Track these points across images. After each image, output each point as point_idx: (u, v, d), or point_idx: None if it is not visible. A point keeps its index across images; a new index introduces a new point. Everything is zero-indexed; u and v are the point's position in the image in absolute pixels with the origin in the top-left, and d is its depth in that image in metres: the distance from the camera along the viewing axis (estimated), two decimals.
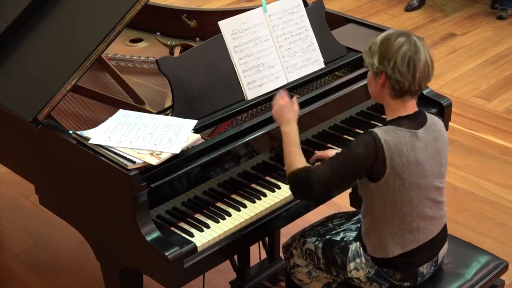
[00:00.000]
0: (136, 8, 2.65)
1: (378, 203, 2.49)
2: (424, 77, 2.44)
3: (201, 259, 2.48)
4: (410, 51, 2.41)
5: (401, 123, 2.47)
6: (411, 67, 2.41)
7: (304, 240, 2.77)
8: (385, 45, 2.44)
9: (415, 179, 2.46)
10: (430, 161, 2.49)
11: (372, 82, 2.51)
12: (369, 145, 2.42)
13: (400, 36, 2.44)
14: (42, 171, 2.85)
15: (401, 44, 2.42)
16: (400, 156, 2.42)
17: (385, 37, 2.46)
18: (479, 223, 3.94)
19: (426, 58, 2.43)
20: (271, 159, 2.81)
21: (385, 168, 2.42)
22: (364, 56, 2.51)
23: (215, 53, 2.80)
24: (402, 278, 2.59)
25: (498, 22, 6.19)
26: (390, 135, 2.43)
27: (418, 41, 2.44)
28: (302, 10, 2.99)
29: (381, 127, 2.49)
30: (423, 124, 2.50)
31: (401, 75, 2.41)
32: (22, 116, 2.70)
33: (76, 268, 3.66)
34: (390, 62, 2.42)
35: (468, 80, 5.32)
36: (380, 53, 2.44)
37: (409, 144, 2.44)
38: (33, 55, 2.90)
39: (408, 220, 2.50)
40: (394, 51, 2.42)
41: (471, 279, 2.71)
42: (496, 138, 4.64)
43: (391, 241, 2.52)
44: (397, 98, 2.47)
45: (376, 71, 2.46)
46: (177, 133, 2.55)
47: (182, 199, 2.60)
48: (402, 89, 2.44)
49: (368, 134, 2.45)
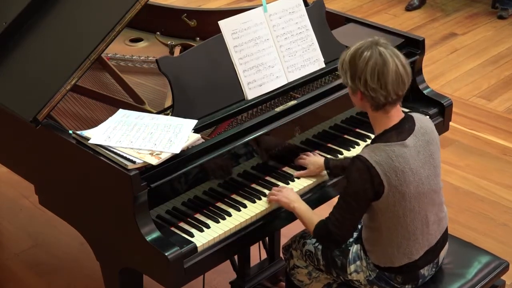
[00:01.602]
0: (136, 8, 2.64)
1: (381, 217, 2.49)
2: (399, 85, 2.42)
3: (201, 259, 2.48)
4: (378, 65, 2.39)
5: (389, 138, 2.46)
6: (382, 81, 2.39)
7: (304, 241, 2.76)
8: (353, 63, 2.43)
9: (413, 189, 2.46)
10: (425, 167, 2.49)
11: (352, 97, 2.51)
12: (361, 171, 2.42)
13: (366, 50, 2.41)
14: (42, 171, 2.84)
15: (367, 59, 2.40)
16: (395, 172, 2.41)
17: (352, 54, 2.44)
18: (479, 223, 3.93)
19: (396, 67, 2.40)
20: (271, 159, 2.80)
21: (383, 187, 2.42)
22: (338, 73, 2.51)
23: (215, 53, 2.79)
24: (404, 281, 2.58)
25: (498, 22, 6.19)
26: (379, 155, 2.42)
27: (385, 50, 2.41)
28: (302, 10, 2.98)
29: (369, 147, 2.47)
30: (412, 131, 2.48)
31: (374, 91, 2.40)
32: (22, 116, 2.69)
33: (76, 268, 3.65)
34: (360, 80, 2.41)
35: (468, 80, 5.31)
36: (350, 71, 2.44)
37: (400, 158, 2.43)
38: (33, 55, 2.90)
39: (412, 229, 2.50)
40: (362, 68, 2.40)
41: (471, 279, 2.70)
42: (497, 138, 4.63)
43: (397, 252, 2.52)
44: (378, 110, 2.47)
45: (351, 89, 2.47)
46: (177, 133, 2.54)
47: (182, 199, 2.59)
48: (380, 103, 2.43)
49: (356, 161, 2.44)
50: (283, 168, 2.83)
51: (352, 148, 2.95)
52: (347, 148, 2.95)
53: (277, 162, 2.82)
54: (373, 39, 2.46)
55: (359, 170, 2.42)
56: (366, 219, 2.55)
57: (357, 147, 2.96)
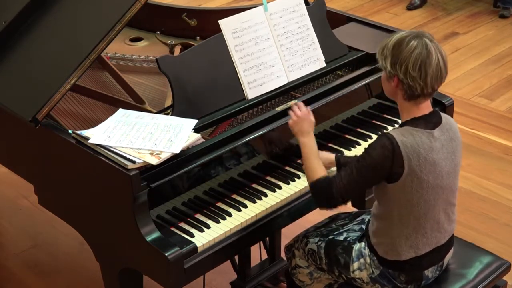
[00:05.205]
0: (136, 7, 2.64)
1: (394, 204, 2.47)
2: (437, 80, 2.43)
3: (202, 260, 2.47)
4: (422, 55, 2.39)
5: (417, 124, 2.46)
6: (422, 72, 2.39)
7: (306, 240, 2.76)
8: (397, 49, 2.42)
9: (432, 180, 2.45)
10: (446, 161, 2.48)
11: (386, 82, 2.50)
12: (386, 148, 2.40)
13: (413, 39, 2.41)
14: (41, 171, 2.84)
15: (413, 48, 2.40)
16: (417, 157, 2.40)
17: (398, 40, 2.43)
18: (481, 223, 3.92)
19: (438, 61, 2.41)
20: (272, 158, 2.79)
21: (403, 169, 2.40)
22: (377, 57, 2.49)
23: (215, 52, 2.79)
24: (407, 281, 2.57)
25: (500, 21, 6.18)
26: (407, 137, 2.42)
27: (431, 43, 2.41)
28: (303, 9, 2.98)
29: (397, 129, 2.47)
30: (438, 124, 2.49)
31: (413, 80, 2.40)
32: (21, 115, 2.69)
33: (76, 268, 3.64)
34: (402, 67, 2.40)
35: (470, 79, 5.30)
36: (392, 57, 2.43)
37: (426, 145, 2.42)
38: (33, 54, 2.89)
39: (423, 222, 2.49)
40: (406, 56, 2.40)
41: (473, 280, 2.70)
42: (499, 138, 4.63)
43: (404, 243, 2.51)
44: (410, 100, 2.46)
45: (388, 74, 2.45)
46: (177, 132, 2.54)
47: (182, 199, 2.59)
48: (415, 93, 2.43)
49: (384, 136, 2.43)
50: (284, 168, 2.82)
51: (353, 148, 2.94)
52: (348, 148, 2.94)
53: (278, 161, 2.81)
54: (419, 31, 2.47)
55: (383, 147, 2.40)
56: (377, 208, 2.54)
57: (358, 146, 2.95)
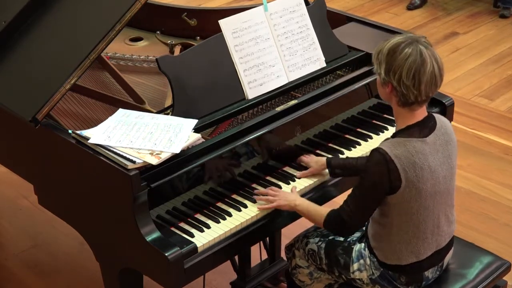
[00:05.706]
0: (136, 7, 2.64)
1: (393, 212, 2.47)
2: (431, 87, 2.41)
3: (202, 260, 2.47)
4: (416, 63, 2.37)
5: (411, 133, 2.45)
6: (416, 80, 2.38)
7: (307, 240, 2.75)
8: (391, 56, 2.40)
9: (430, 187, 2.45)
10: (442, 166, 2.47)
11: (381, 87, 2.49)
12: (380, 164, 2.40)
13: (407, 47, 2.38)
14: (41, 171, 2.83)
15: (407, 55, 2.37)
16: (413, 168, 2.40)
17: (392, 46, 2.41)
18: (481, 223, 3.92)
19: (433, 68, 2.39)
20: (272, 158, 2.79)
21: (400, 182, 2.40)
22: (372, 60, 2.48)
23: (215, 52, 2.78)
24: (407, 282, 2.57)
25: (500, 21, 6.18)
26: (399, 149, 2.40)
27: (425, 50, 2.39)
28: (303, 9, 2.97)
29: (389, 141, 2.46)
30: (433, 129, 2.48)
31: (406, 89, 2.39)
32: (21, 115, 2.68)
33: (76, 268, 3.64)
34: (395, 75, 2.39)
35: (470, 79, 5.30)
36: (386, 64, 2.41)
37: (420, 154, 2.41)
38: (33, 54, 2.89)
39: (423, 228, 2.49)
40: (400, 64, 2.38)
41: (473, 280, 2.70)
42: (499, 138, 4.62)
43: (405, 249, 2.51)
44: (404, 107, 2.45)
45: (382, 81, 2.44)
46: (177, 132, 2.53)
47: (182, 199, 2.58)
48: (409, 101, 2.42)
49: (375, 152, 2.42)
50: (284, 168, 2.82)
51: (353, 148, 2.94)
52: (348, 148, 2.94)
53: (278, 162, 2.81)
54: (414, 35, 2.45)
55: (377, 163, 2.40)
56: (377, 214, 2.53)
57: (358, 146, 2.95)
